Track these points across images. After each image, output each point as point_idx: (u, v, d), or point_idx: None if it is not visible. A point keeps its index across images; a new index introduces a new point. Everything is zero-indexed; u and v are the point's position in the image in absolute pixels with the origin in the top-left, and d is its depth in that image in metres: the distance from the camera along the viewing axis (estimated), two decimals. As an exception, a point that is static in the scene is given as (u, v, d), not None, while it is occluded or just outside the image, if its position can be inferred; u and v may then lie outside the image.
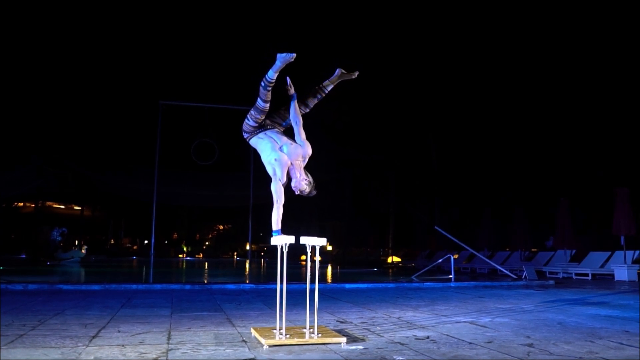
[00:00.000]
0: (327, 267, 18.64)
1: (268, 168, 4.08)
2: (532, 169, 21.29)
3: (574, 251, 14.48)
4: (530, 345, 3.65)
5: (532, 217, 17.66)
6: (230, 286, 8.70)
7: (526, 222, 16.21)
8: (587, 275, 12.65)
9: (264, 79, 3.97)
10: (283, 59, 3.89)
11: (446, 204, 24.62)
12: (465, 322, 4.78)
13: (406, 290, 8.62)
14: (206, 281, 10.69)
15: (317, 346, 3.57)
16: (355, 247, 31.39)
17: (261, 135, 4.17)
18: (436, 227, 14.56)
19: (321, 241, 3.75)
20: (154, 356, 3.22)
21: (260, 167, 4.25)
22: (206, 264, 22.29)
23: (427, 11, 20.81)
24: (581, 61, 19.33)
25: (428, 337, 3.97)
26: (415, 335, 4.08)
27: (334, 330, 4.13)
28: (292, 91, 4.15)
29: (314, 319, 3.76)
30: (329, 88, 4.30)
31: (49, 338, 3.79)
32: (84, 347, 3.47)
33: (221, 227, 44.37)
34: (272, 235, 3.90)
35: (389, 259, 26.53)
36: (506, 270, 12.28)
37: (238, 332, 4.15)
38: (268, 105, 4.07)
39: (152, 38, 21.67)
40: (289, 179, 4.06)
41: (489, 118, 22.13)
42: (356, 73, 4.32)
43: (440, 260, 15.58)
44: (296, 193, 4.10)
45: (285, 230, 3.94)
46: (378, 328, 4.44)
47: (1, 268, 13.34)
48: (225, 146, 14.87)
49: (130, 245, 40.64)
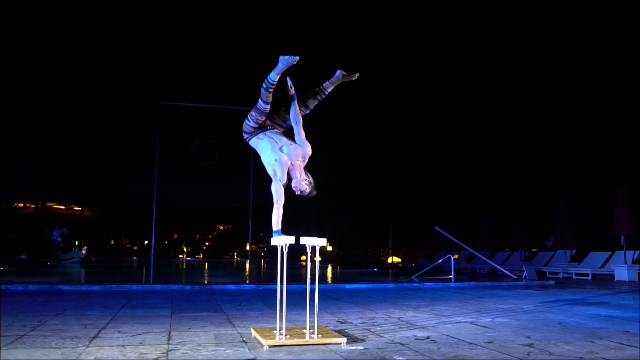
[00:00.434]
0: (327, 268, 18.64)
1: (268, 168, 4.09)
2: (532, 169, 21.29)
3: (574, 251, 14.50)
4: (530, 345, 3.65)
5: (532, 217, 17.67)
6: (230, 286, 8.71)
7: (526, 222, 16.22)
8: (587, 275, 12.66)
9: (266, 81, 3.96)
10: (285, 62, 3.89)
11: (446, 204, 24.61)
12: (465, 323, 4.78)
13: (406, 290, 8.62)
14: (206, 281, 10.70)
15: (317, 346, 3.57)
16: (355, 248, 31.41)
17: (261, 135, 4.17)
18: (436, 228, 14.56)
19: (321, 241, 3.75)
20: (154, 357, 3.22)
21: (260, 168, 4.25)
22: (206, 265, 22.28)
23: (427, 11, 20.81)
24: (581, 61, 19.32)
25: (428, 338, 3.97)
26: (415, 335, 4.08)
27: (334, 330, 4.13)
28: (293, 91, 4.15)
29: (314, 320, 3.76)
30: (329, 89, 4.30)
31: (49, 338, 3.79)
32: (84, 348, 3.47)
33: (221, 228, 44.39)
34: (272, 235, 3.90)
35: (389, 259, 26.52)
36: (506, 270, 12.28)
37: (238, 333, 4.15)
38: (269, 106, 4.07)
39: (152, 39, 21.66)
40: (289, 180, 4.06)
41: (489, 118, 22.12)
42: (356, 75, 4.32)
43: (440, 260, 15.59)
44: (296, 193, 4.10)
45: (285, 230, 3.93)
46: (378, 328, 4.44)
47: (1, 269, 13.34)
48: (225, 147, 14.88)
49: (130, 245, 40.65)
